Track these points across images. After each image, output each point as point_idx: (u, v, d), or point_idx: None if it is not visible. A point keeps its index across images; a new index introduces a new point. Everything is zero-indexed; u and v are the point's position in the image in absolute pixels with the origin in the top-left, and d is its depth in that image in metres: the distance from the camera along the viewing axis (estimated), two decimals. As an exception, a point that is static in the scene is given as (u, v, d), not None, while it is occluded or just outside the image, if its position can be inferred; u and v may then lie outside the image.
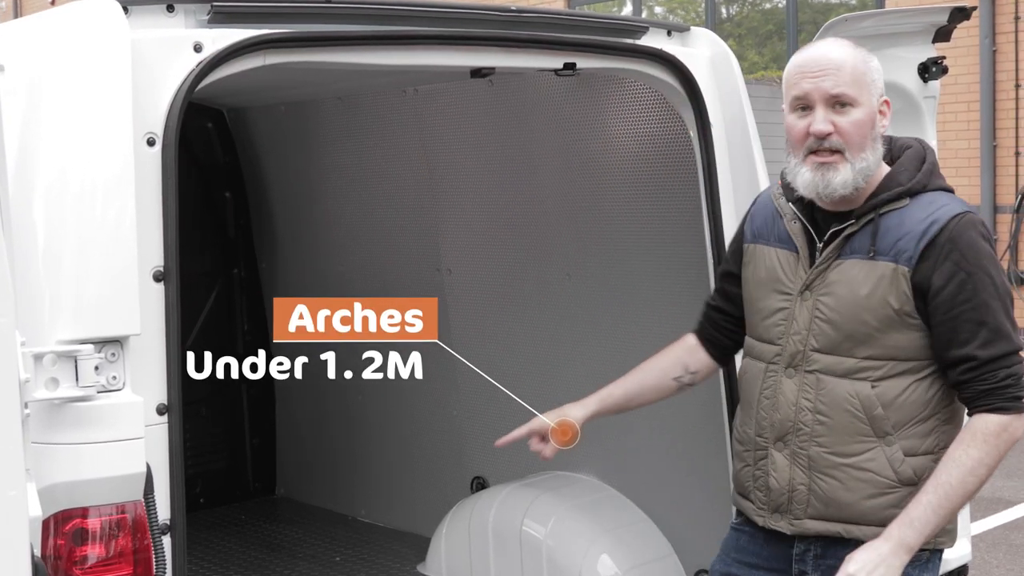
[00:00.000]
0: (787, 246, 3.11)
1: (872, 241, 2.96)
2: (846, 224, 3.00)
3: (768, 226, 3.17)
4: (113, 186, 2.72)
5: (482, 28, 3.37)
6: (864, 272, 2.96)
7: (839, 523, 3.01)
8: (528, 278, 4.88)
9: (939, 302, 2.91)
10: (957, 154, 13.31)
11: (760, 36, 16.77)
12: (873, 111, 2.97)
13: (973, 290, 2.90)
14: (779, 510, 3.08)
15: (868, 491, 2.97)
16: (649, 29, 3.82)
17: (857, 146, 2.94)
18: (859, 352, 2.96)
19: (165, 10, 2.93)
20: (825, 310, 3.00)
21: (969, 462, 2.88)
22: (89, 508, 2.72)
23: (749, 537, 3.20)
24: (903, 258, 2.92)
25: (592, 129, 4.48)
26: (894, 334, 2.94)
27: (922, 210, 2.96)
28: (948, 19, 4.33)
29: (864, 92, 2.95)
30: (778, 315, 3.08)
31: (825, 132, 2.93)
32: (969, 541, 4.60)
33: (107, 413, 2.69)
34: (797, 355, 3.03)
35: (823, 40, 3.09)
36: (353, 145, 5.39)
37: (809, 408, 3.01)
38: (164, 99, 2.84)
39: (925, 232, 2.92)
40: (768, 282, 3.12)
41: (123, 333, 2.71)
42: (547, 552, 4.43)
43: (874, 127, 2.98)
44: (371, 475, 5.75)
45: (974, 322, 2.89)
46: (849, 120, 2.93)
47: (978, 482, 2.91)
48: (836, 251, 3.01)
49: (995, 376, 2.89)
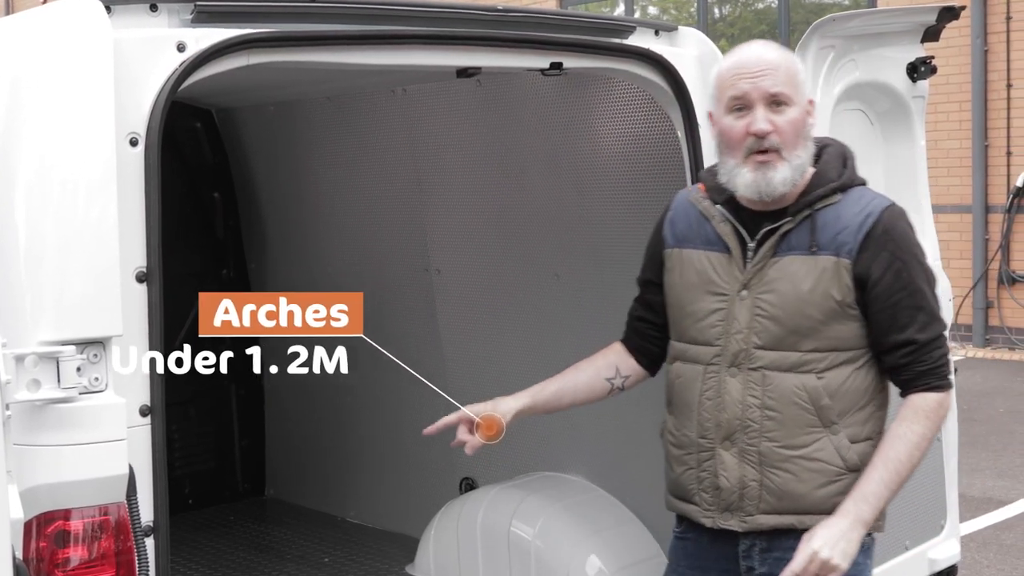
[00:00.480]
0: (717, 247, 3.15)
1: (812, 237, 3.04)
2: (782, 222, 3.07)
3: (692, 230, 3.21)
4: (95, 186, 2.69)
5: (467, 28, 3.35)
6: (805, 267, 3.04)
7: (792, 515, 3.08)
8: (516, 278, 4.87)
9: (879, 291, 3.02)
10: (949, 154, 13.31)
11: (753, 36, 16.77)
12: (804, 111, 3.07)
13: (909, 277, 3.04)
14: (729, 508, 3.12)
15: (819, 480, 3.05)
16: (636, 29, 3.82)
17: (793, 144, 3.03)
18: (803, 345, 3.04)
19: (148, 9, 2.90)
20: (767, 307, 3.06)
21: (914, 437, 3.02)
22: (71, 510, 2.69)
23: (694, 543, 3.26)
24: (844, 251, 3.03)
25: (581, 129, 4.47)
26: (836, 326, 3.04)
27: (855, 204, 3.07)
28: (936, 19, 4.34)
29: (797, 92, 3.05)
30: (714, 316, 3.13)
31: (766, 131, 3.00)
32: (958, 541, 4.61)
33: (89, 414, 2.67)
34: (740, 354, 3.08)
35: (753, 43, 3.15)
36: (342, 145, 5.38)
37: (757, 405, 3.07)
38: (147, 99, 2.82)
39: (862, 225, 3.03)
40: (700, 284, 3.16)
41: (105, 334, 2.69)
42: (535, 553, 4.42)
43: (805, 126, 3.07)
44: (360, 476, 5.73)
45: (912, 307, 3.04)
46: (786, 119, 3.02)
47: (922, 456, 3.04)
48: (772, 249, 3.08)
49: (931, 357, 3.05)
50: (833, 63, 4.05)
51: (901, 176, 4.45)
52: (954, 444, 4.55)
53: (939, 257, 4.52)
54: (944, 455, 4.52)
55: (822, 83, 4.01)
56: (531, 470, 4.88)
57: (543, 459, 4.88)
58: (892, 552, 4.28)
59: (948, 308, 4.58)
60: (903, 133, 4.42)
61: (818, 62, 3.98)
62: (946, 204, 13.39)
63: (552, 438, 4.84)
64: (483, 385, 5.16)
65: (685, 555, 3.30)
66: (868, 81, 4.22)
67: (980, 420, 9.98)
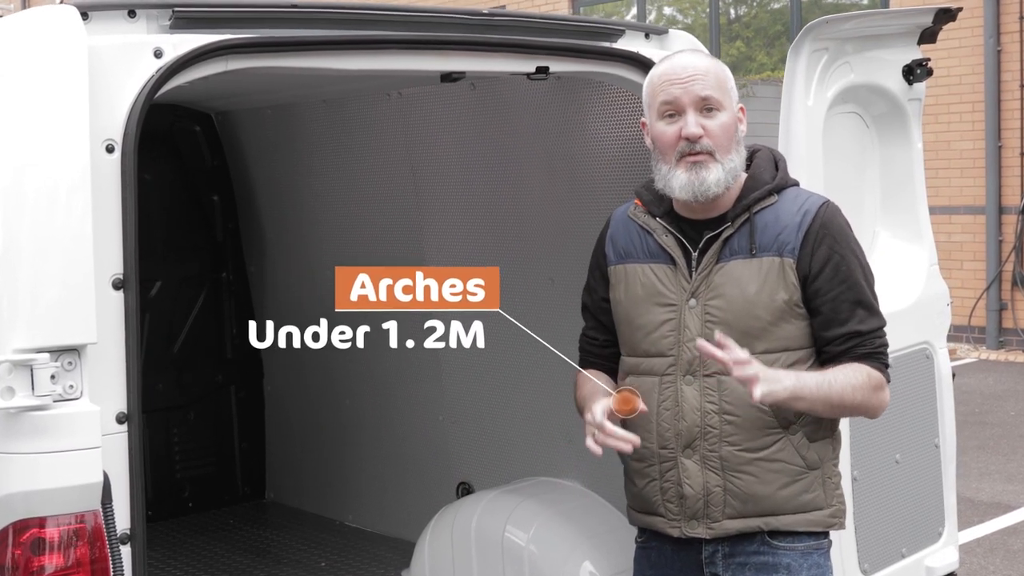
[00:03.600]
0: (661, 259, 3.17)
1: (752, 239, 3.08)
2: (723, 228, 3.10)
3: (634, 244, 3.22)
4: (70, 193, 2.68)
5: (450, 32, 3.33)
6: (750, 270, 3.07)
7: (758, 517, 3.10)
8: (511, 282, 4.84)
9: (818, 285, 3.07)
10: (962, 155, 13.24)
11: (769, 37, 16.71)
12: (734, 117, 3.11)
13: (847, 271, 3.09)
14: (696, 516, 3.13)
15: (782, 480, 3.09)
16: (626, 32, 3.79)
17: (725, 148, 3.07)
18: (755, 347, 3.04)
19: (127, 16, 2.89)
20: (716, 312, 3.08)
21: (854, 380, 3.04)
22: (47, 518, 2.69)
23: (657, 551, 3.27)
24: (787, 250, 3.08)
25: (576, 133, 4.45)
26: (785, 325, 3.08)
27: (791, 203, 3.12)
28: (933, 20, 4.29)
29: (727, 98, 3.10)
30: (665, 327, 3.14)
31: (697, 134, 3.05)
32: (957, 549, 4.57)
33: (64, 422, 2.66)
34: (694, 361, 3.09)
35: (683, 51, 3.24)
36: (338, 149, 5.38)
37: (715, 410, 3.08)
38: (123, 105, 2.80)
39: (801, 223, 3.08)
40: (647, 297, 3.17)
41: (80, 342, 2.68)
42: (529, 558, 4.39)
43: (736, 131, 3.12)
44: (359, 480, 5.73)
45: (851, 301, 3.09)
46: (717, 123, 3.06)
47: (851, 402, 3.05)
48: (716, 255, 3.10)
49: (872, 343, 3.11)
50: (827, 66, 4.01)
51: (898, 179, 4.41)
52: (952, 450, 4.51)
53: (936, 262, 4.49)
54: (942, 461, 4.48)
55: (815, 86, 3.97)
56: (527, 475, 4.86)
57: (540, 464, 4.87)
58: (888, 560, 4.25)
59: (946, 313, 4.55)
60: (900, 136, 4.38)
61: (811, 65, 3.94)
62: (959, 205, 13.33)
63: (549, 444, 4.82)
64: (479, 388, 5.16)
65: (649, 564, 3.30)
66: (863, 84, 4.18)
67: (992, 423, 9.92)
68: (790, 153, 3.90)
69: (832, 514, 3.17)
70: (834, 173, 4.08)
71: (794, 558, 3.11)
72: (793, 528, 3.11)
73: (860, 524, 4.06)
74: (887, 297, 4.35)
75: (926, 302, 4.42)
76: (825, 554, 3.18)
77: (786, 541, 3.12)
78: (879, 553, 4.19)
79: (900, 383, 4.26)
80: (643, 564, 3.33)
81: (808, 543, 3.14)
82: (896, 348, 4.25)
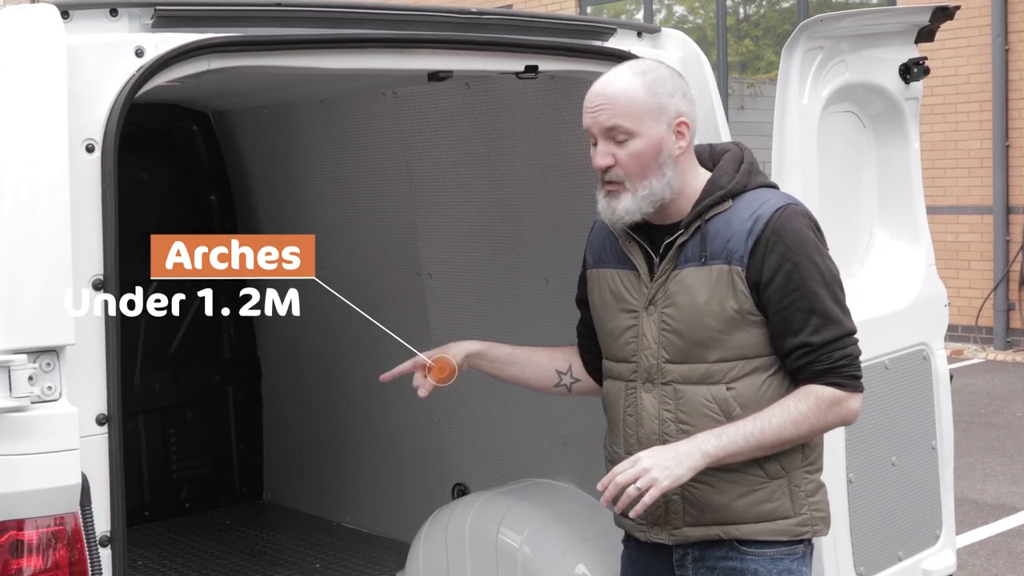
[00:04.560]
0: (627, 265, 3.16)
1: (703, 247, 3.02)
2: (677, 234, 3.06)
3: (607, 249, 3.22)
4: (49, 193, 2.66)
5: (436, 31, 3.30)
6: (700, 278, 3.02)
7: (717, 526, 3.08)
8: (507, 283, 4.84)
9: (770, 294, 2.99)
10: (970, 154, 13.18)
11: (778, 36, 16.66)
12: (656, 139, 2.99)
13: (800, 279, 2.98)
14: (658, 523, 3.13)
15: (739, 490, 3.05)
16: (618, 31, 3.76)
17: (638, 175, 3.00)
18: (708, 356, 3.02)
19: (108, 14, 2.87)
20: (670, 320, 3.05)
21: (796, 414, 2.98)
22: (25, 520, 2.67)
23: (636, 552, 3.29)
24: (735, 258, 3.00)
25: (571, 133, 4.41)
26: (738, 334, 3.02)
27: (746, 208, 3.04)
28: (930, 19, 4.26)
29: (645, 122, 2.99)
30: (628, 333, 3.13)
31: (603, 166, 3.02)
32: (954, 552, 4.53)
33: (41, 424, 2.64)
34: (652, 368, 3.08)
35: (616, 69, 3.12)
36: (334, 149, 5.36)
37: (671, 419, 3.06)
38: (103, 104, 2.78)
39: (751, 229, 3.00)
40: (614, 302, 3.17)
41: (58, 343, 2.66)
42: (522, 560, 4.37)
43: (659, 154, 3.00)
44: (356, 481, 5.71)
45: (804, 311, 2.99)
46: (627, 152, 2.99)
47: (795, 435, 3.00)
48: (672, 262, 3.07)
49: (830, 358, 3.00)
50: (822, 64, 3.98)
51: (895, 179, 4.38)
52: (950, 452, 4.48)
53: (933, 262, 4.45)
54: (940, 463, 4.44)
55: (810, 85, 3.93)
56: (523, 477, 4.84)
57: (535, 466, 4.84)
58: (884, 563, 4.21)
59: (943, 314, 4.51)
60: (896, 135, 4.34)
61: (805, 64, 3.91)
62: (967, 205, 13.27)
63: (544, 445, 4.80)
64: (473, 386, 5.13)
65: (630, 563, 3.34)
66: (859, 82, 4.15)
67: (997, 424, 9.87)
68: (784, 153, 3.88)
69: (801, 523, 3.11)
70: (829, 173, 4.05)
71: (762, 564, 3.08)
72: (755, 537, 3.07)
73: (856, 527, 4.03)
74: (884, 298, 4.36)
75: (923, 303, 4.38)
76: (799, 559, 3.13)
77: (754, 547, 3.09)
78: (875, 556, 4.16)
79: (897, 384, 4.24)
80: (626, 563, 3.38)
81: (778, 549, 3.10)
82: (893, 349, 4.25)
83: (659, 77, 3.04)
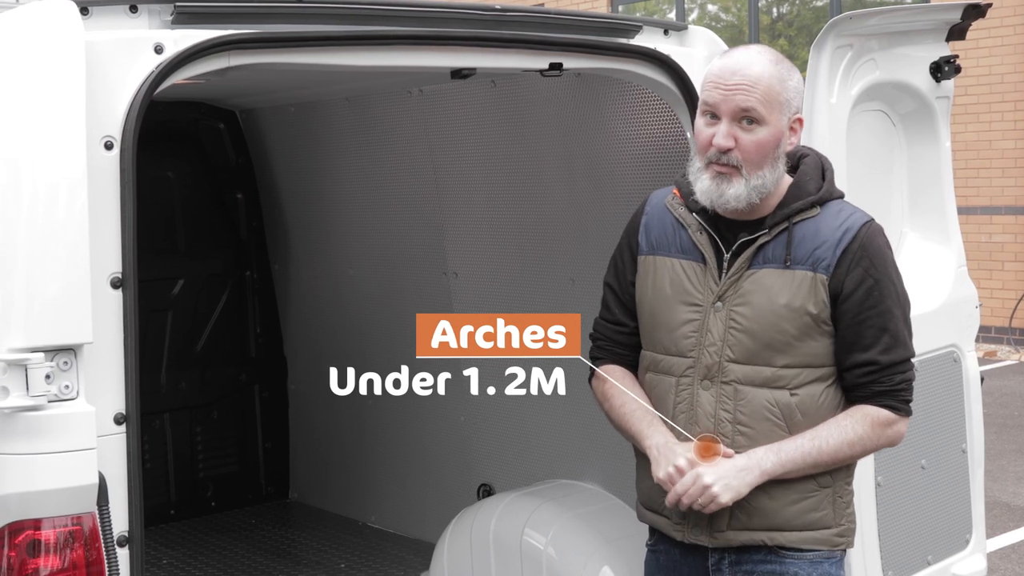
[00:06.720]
0: (692, 257, 3.06)
1: (788, 250, 2.96)
2: (759, 234, 2.98)
3: (668, 237, 3.11)
4: (68, 191, 2.64)
5: (460, 28, 3.27)
6: (781, 281, 2.96)
7: (763, 531, 3.01)
8: (532, 283, 4.80)
9: (847, 307, 2.96)
10: (1004, 154, 13.03)
11: (812, 35, 16.56)
12: (780, 131, 2.95)
13: (879, 297, 2.97)
14: (699, 524, 3.05)
15: (791, 497, 3.00)
16: (644, 28, 3.72)
17: (755, 164, 2.93)
18: (777, 361, 2.96)
19: (128, 11, 2.85)
20: (741, 320, 2.98)
21: (852, 435, 2.98)
22: (42, 519, 2.65)
23: (666, 556, 3.19)
24: (821, 266, 2.96)
25: (597, 131, 4.38)
26: (810, 342, 2.98)
27: (833, 218, 3.01)
28: (961, 16, 4.19)
29: (774, 112, 2.92)
30: (687, 327, 3.04)
31: (726, 147, 2.92)
32: (985, 556, 4.47)
33: (59, 423, 2.62)
34: (713, 367, 3.00)
35: (747, 49, 3.00)
36: (361, 147, 5.34)
37: (728, 419, 2.99)
38: (122, 102, 2.76)
39: (840, 240, 2.97)
40: (673, 294, 3.07)
41: (75, 341, 2.64)
42: (547, 562, 4.34)
43: (778, 146, 2.96)
44: (381, 480, 5.70)
45: (877, 328, 2.97)
46: (753, 138, 2.92)
47: (849, 456, 3.01)
48: (748, 261, 2.99)
49: (892, 380, 3.00)
50: (851, 63, 3.92)
51: (925, 179, 4.31)
52: (980, 456, 4.41)
53: (964, 263, 4.38)
54: (970, 466, 4.38)
55: (839, 83, 3.88)
56: (548, 477, 4.81)
57: (560, 467, 4.81)
58: (913, 567, 4.16)
59: (974, 316, 4.45)
60: (927, 134, 4.28)
61: (834, 62, 3.85)
62: (1000, 205, 13.12)
63: (569, 446, 4.76)
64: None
65: (658, 568, 3.23)
66: (889, 81, 4.09)
67: (1031, 427, 9.75)
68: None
69: (840, 533, 3.07)
70: (858, 172, 3.99)
71: (802, 567, 3.03)
72: (797, 545, 3.02)
73: (884, 530, 3.98)
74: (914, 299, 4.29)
75: (954, 304, 4.32)
76: (837, 563, 3.08)
77: (795, 552, 3.03)
78: (904, 560, 4.10)
79: (927, 387, 4.18)
80: (652, 568, 3.27)
81: (818, 552, 3.05)
82: (923, 351, 4.18)
83: (789, 69, 2.99)
